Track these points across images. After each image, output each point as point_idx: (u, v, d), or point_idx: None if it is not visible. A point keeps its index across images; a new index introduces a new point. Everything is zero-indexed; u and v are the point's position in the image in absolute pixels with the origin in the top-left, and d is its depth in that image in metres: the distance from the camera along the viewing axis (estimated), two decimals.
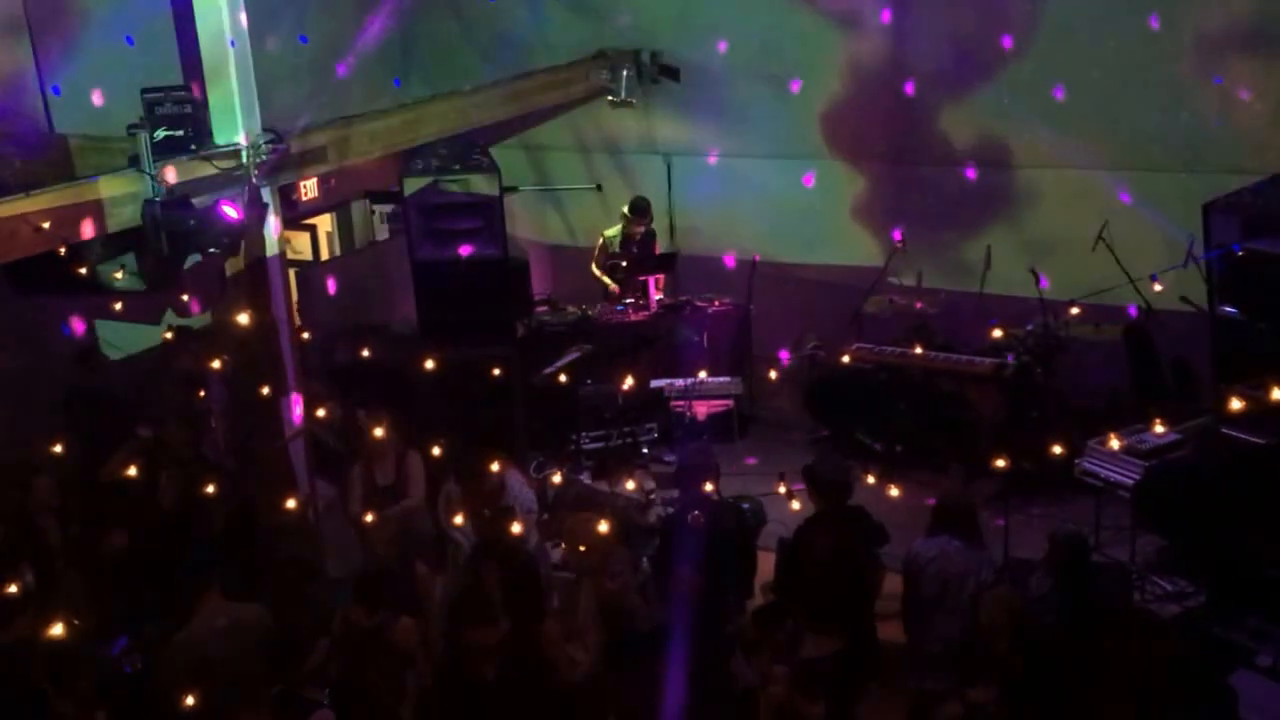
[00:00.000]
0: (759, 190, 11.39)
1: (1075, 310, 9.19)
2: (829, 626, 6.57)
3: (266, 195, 8.19)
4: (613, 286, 11.04)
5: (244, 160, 7.95)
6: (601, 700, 6.35)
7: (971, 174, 10.38)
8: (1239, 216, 8.05)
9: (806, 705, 5.76)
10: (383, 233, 12.54)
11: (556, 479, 8.44)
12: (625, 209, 11.03)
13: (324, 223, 12.14)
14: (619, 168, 12.01)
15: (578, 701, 6.22)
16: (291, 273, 9.50)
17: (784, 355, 10.05)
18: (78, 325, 9.30)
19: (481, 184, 9.56)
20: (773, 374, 9.87)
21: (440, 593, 7.50)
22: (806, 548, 6.89)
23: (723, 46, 10.96)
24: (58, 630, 6.01)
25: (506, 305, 9.84)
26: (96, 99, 8.95)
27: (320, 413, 8.51)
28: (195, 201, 7.43)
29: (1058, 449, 7.66)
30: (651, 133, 11.84)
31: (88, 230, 7.25)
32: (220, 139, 7.91)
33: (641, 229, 11.03)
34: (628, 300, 10.92)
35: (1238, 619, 6.96)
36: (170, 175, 7.37)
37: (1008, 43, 10.00)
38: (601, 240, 11.18)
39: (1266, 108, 9.20)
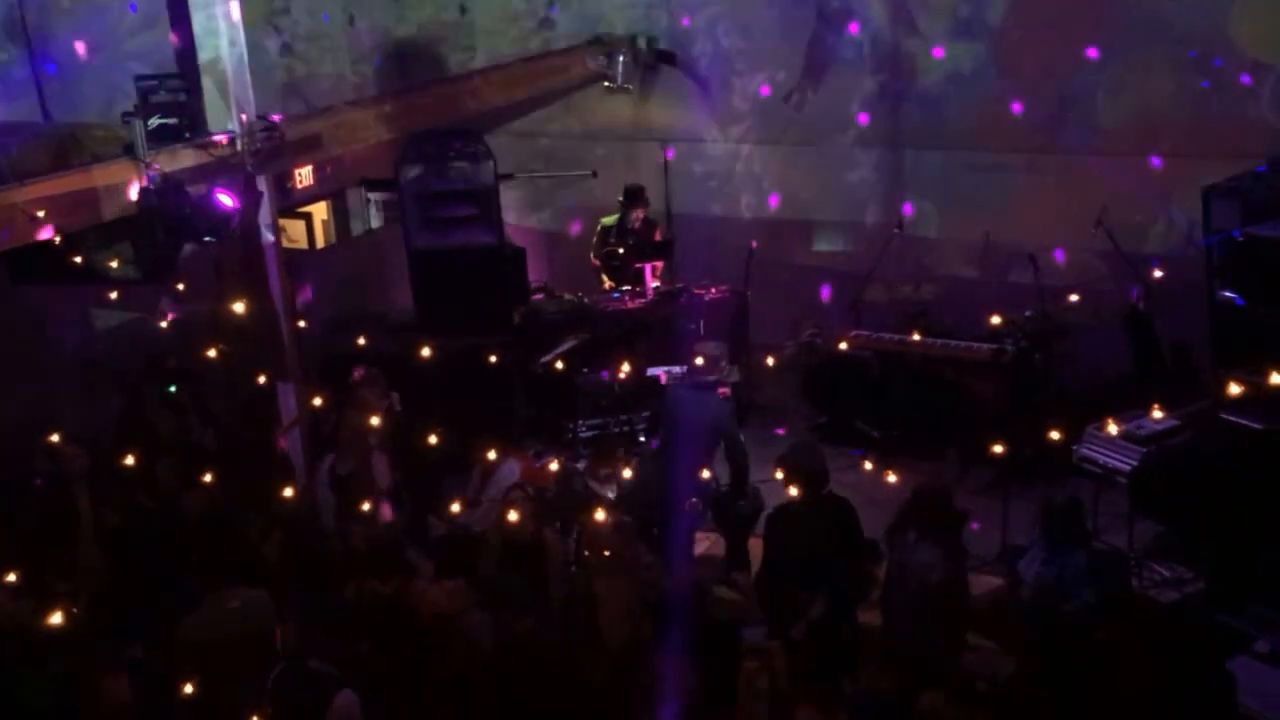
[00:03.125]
0: (756, 176, 11.35)
1: (1074, 296, 9.17)
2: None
3: (262, 183, 8.15)
4: (606, 284, 11.01)
5: (239, 148, 7.91)
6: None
7: (972, 160, 10.34)
8: (1239, 201, 8.02)
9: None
10: (377, 220, 12.49)
11: (553, 466, 8.43)
12: (621, 196, 11.02)
13: (320, 210, 12.09)
14: (616, 154, 11.96)
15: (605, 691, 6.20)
16: None
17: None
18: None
19: (477, 171, 9.52)
20: (770, 361, 9.84)
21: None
22: (771, 538, 6.91)
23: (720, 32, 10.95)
24: (57, 618, 5.99)
25: (503, 293, 9.81)
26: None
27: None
28: (190, 190, 7.41)
29: (1056, 435, 7.65)
30: (648, 119, 11.79)
31: (83, 219, 7.21)
32: (214, 127, 7.88)
33: (639, 215, 10.98)
34: (624, 288, 10.89)
35: (1236, 605, 6.95)
36: (165, 163, 7.34)
37: (1007, 27, 9.97)
38: (600, 228, 11.14)
39: (1267, 90, 9.17)
